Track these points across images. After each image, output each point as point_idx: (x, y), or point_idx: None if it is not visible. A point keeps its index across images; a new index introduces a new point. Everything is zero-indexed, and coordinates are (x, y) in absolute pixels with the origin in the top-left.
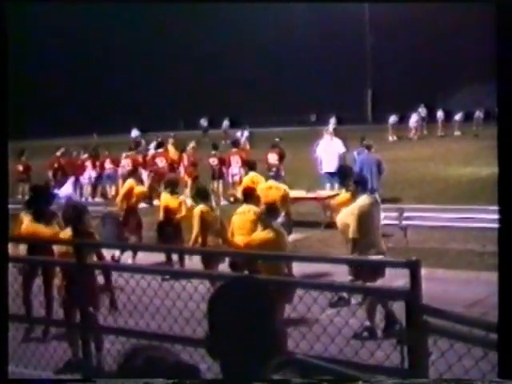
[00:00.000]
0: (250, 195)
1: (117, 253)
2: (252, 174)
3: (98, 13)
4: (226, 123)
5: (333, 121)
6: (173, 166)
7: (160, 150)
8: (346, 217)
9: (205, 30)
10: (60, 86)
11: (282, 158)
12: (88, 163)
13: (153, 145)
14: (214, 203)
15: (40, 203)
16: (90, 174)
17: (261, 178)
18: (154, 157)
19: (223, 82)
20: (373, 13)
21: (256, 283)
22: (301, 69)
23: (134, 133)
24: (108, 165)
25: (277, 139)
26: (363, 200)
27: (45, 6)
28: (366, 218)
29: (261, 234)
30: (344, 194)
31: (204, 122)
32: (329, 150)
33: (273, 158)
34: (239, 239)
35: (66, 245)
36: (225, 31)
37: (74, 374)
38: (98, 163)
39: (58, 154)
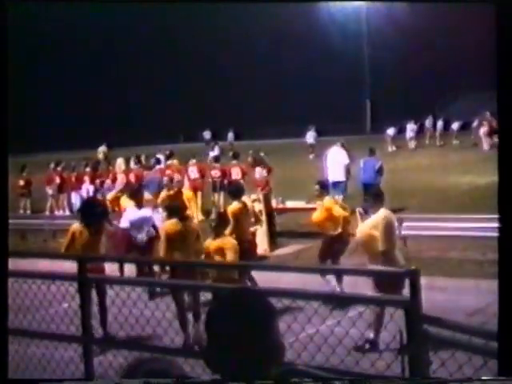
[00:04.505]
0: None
1: None
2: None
3: (97, 24)
4: (230, 135)
5: (311, 134)
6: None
7: (169, 162)
8: (370, 229)
9: (204, 40)
10: (61, 99)
11: (269, 172)
12: (86, 177)
13: (162, 157)
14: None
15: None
16: (87, 188)
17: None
18: (165, 169)
19: (222, 94)
20: (371, 24)
21: (253, 295)
22: (299, 79)
23: (102, 148)
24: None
25: (261, 153)
26: (384, 212)
27: (43, 18)
28: (391, 230)
29: (214, 243)
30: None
31: (207, 135)
32: (333, 161)
33: (259, 172)
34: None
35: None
36: (223, 41)
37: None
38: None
39: (59, 168)
